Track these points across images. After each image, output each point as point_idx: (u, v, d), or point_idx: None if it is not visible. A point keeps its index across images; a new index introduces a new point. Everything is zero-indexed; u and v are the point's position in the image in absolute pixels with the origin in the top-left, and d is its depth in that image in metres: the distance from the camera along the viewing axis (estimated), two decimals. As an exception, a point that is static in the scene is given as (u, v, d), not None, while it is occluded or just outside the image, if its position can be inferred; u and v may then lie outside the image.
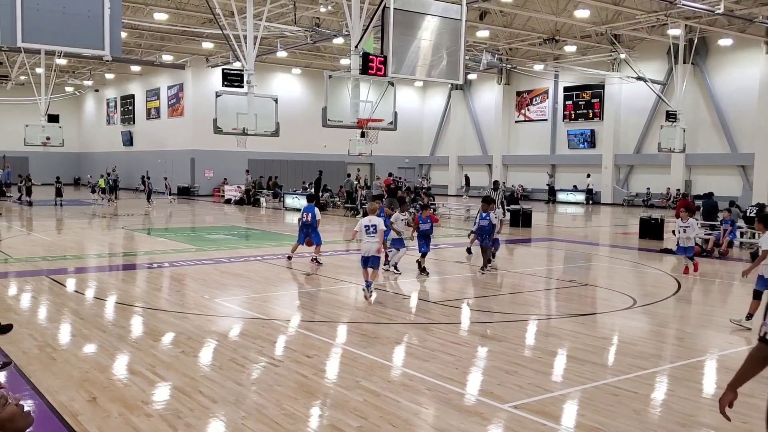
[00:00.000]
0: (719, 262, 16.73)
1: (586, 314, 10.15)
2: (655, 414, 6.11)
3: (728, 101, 34.93)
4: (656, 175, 37.94)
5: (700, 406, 6.35)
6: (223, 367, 7.23)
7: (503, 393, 6.47)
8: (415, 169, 53.16)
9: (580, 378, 6.96)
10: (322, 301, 11.08)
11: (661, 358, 8.04)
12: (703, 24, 30.82)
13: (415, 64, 15.86)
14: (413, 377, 6.99)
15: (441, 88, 50.86)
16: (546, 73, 40.87)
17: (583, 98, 42.40)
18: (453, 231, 23.82)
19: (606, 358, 7.93)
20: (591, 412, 6.02)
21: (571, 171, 43.18)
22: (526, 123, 46.22)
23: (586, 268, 15.77)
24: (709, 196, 21.78)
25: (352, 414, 5.86)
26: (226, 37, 19.53)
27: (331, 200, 34.26)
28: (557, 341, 8.68)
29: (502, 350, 8.10)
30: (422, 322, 9.81)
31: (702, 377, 7.33)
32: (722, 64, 35.21)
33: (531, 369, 7.37)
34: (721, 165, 35.23)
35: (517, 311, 10.54)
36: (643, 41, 35.78)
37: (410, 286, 12.75)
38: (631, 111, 39.49)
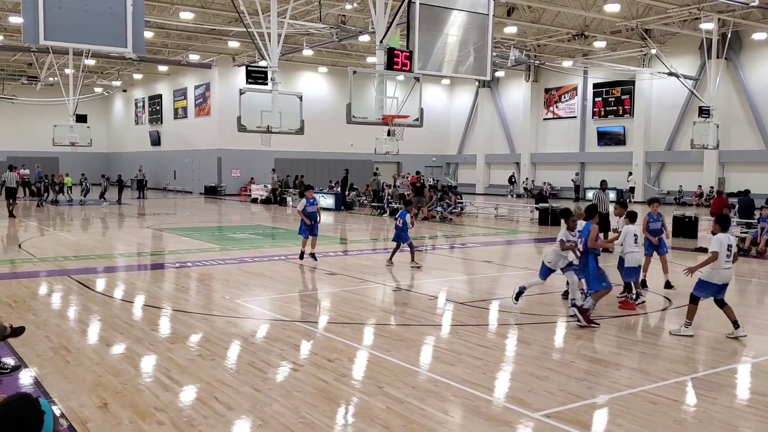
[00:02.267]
0: (756, 261, 16.14)
1: (619, 316, 9.73)
2: (696, 423, 5.73)
3: (763, 97, 33.97)
4: (689, 173, 37.04)
5: (742, 414, 5.95)
6: (240, 372, 6.99)
7: (534, 400, 6.12)
8: (442, 167, 52.72)
9: (616, 384, 6.59)
10: (346, 302, 10.80)
11: (700, 363, 7.63)
12: (737, 17, 29.95)
13: (442, 60, 15.53)
14: (438, 383, 6.68)
15: (468, 85, 50.35)
16: (575, 70, 40.17)
17: (613, 95, 41.62)
18: (481, 230, 23.43)
19: (642, 363, 7.53)
20: (628, 422, 5.65)
21: (601, 169, 42.39)
22: (555, 120, 45.52)
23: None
24: (745, 193, 21.13)
25: (375, 422, 5.58)
26: (250, 35, 19.35)
27: (358, 199, 34.04)
28: (590, 344, 8.29)
29: (532, 354, 7.75)
30: (449, 323, 9.50)
31: (742, 383, 6.91)
32: (757, 59, 34.25)
33: (563, 374, 7.01)
34: (756, 162, 34.27)
35: (548, 312, 10.15)
36: (674, 36, 34.96)
37: (436, 287, 12.42)
38: (662, 107, 38.64)
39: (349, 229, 24.35)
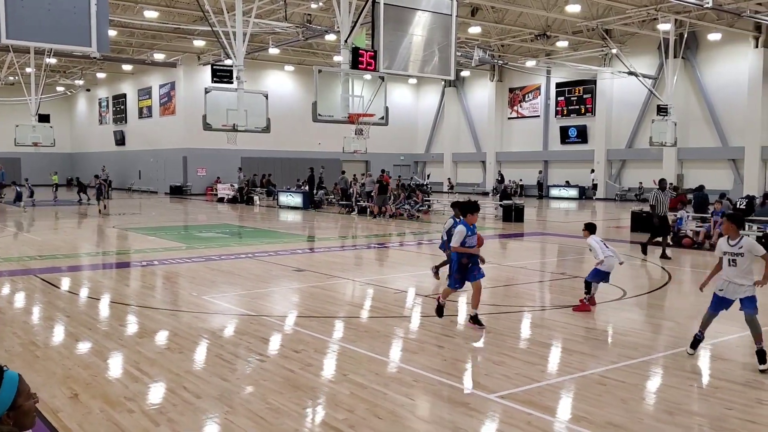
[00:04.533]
0: (710, 254, 16.72)
1: (570, 306, 10.11)
2: (643, 402, 6.09)
3: (718, 95, 34.99)
4: (648, 170, 37.94)
5: (688, 394, 6.33)
6: (208, 364, 7.18)
7: (490, 383, 6.43)
8: (410, 166, 53.11)
9: (568, 368, 6.93)
10: (314, 297, 11.02)
11: (651, 348, 8.01)
12: (693, 18, 30.82)
13: (407, 59, 15.82)
14: (402, 369, 6.95)
15: (435, 85, 50.84)
16: (538, 69, 40.87)
17: (575, 94, 42.43)
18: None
19: (595, 349, 7.91)
20: (578, 402, 6.00)
21: (564, 167, 43.23)
22: (519, 119, 46.22)
23: (579, 260, 15.75)
24: (700, 189, 21.78)
25: (339, 407, 5.82)
26: (215, 33, 19.43)
27: (326, 198, 34.22)
28: (547, 332, 8.65)
29: (492, 341, 8.07)
30: (414, 315, 9.78)
31: (691, 366, 7.30)
32: (712, 59, 35.26)
33: (519, 360, 7.34)
34: (712, 159, 35.30)
35: (509, 303, 10.51)
36: (634, 36, 35.82)
37: (403, 281, 12.70)
38: (622, 106, 39.52)
39: (317, 227, 24.53)
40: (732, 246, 7.16)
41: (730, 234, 7.24)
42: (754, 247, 7.21)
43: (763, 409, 5.96)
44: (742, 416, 5.69)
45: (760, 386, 6.50)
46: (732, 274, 7.16)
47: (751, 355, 7.71)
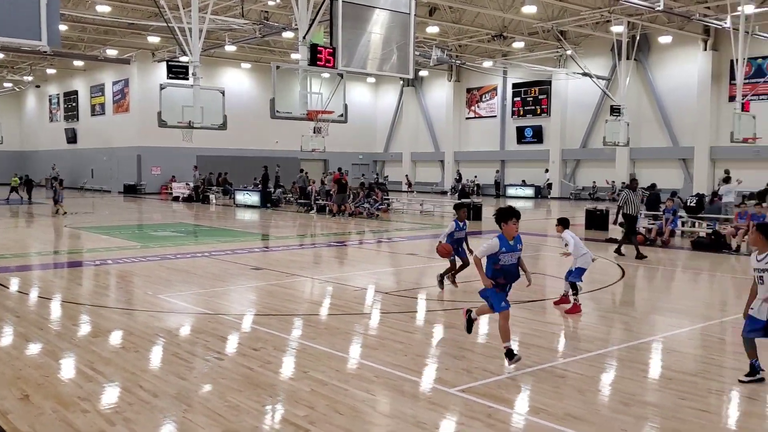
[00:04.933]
0: (662, 250, 17.15)
1: (534, 301, 10.25)
2: (599, 394, 6.19)
3: (669, 97, 35.89)
4: (602, 169, 38.70)
5: (643, 385, 6.45)
6: (165, 362, 7.05)
7: (451, 378, 6.46)
8: (369, 165, 53.09)
9: (527, 361, 6.99)
10: (272, 295, 10.92)
11: (606, 341, 8.16)
12: (645, 21, 31.54)
13: (366, 57, 15.82)
14: (363, 365, 6.93)
15: (393, 84, 50.95)
16: (495, 70, 41.28)
17: (531, 94, 42.99)
18: (406, 225, 23.87)
19: (553, 343, 8.02)
20: (537, 394, 6.06)
21: (520, 166, 43.78)
22: (477, 119, 46.64)
23: (535, 257, 15.96)
24: (652, 187, 22.28)
25: (299, 404, 5.77)
26: (171, 29, 19.13)
27: (284, 196, 33.98)
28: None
29: (451, 337, 8.11)
30: (374, 312, 9.77)
31: (645, 358, 7.45)
32: (663, 61, 36.14)
33: (479, 354, 7.41)
34: (663, 158, 36.17)
35: (468, 299, 10.56)
36: (588, 38, 36.46)
37: (363, 279, 12.68)
38: (577, 106, 40.20)
39: (275, 226, 24.33)
40: (759, 261, 6.32)
41: (758, 247, 6.36)
42: None
43: (714, 398, 6.12)
44: (694, 405, 5.82)
45: (712, 377, 6.67)
46: (763, 292, 6.24)
47: (702, 347, 7.93)
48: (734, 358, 7.30)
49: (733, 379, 6.52)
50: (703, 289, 12.75)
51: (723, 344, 8.25)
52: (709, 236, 17.45)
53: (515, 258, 6.93)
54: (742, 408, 5.92)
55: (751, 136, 25.97)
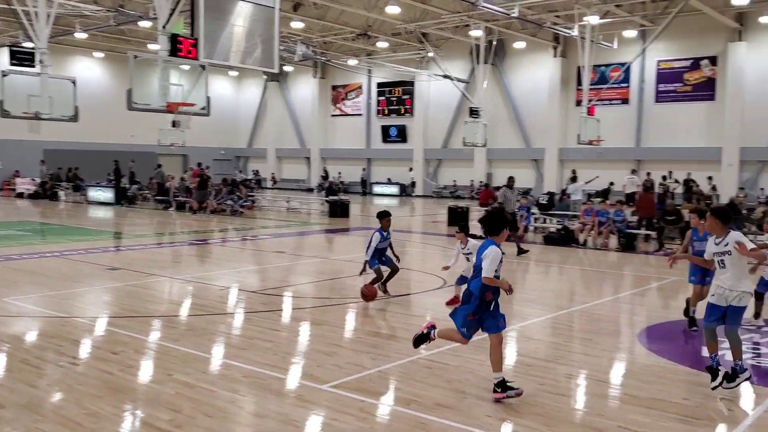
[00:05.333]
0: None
1: (401, 295, 10.45)
2: (466, 383, 6.41)
3: (523, 100, 37.94)
4: (462, 169, 40.22)
5: (505, 371, 6.75)
6: (13, 370, 6.50)
7: (322, 374, 6.44)
8: (231, 161, 51.85)
9: (397, 354, 7.12)
10: (131, 296, 10.37)
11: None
12: (501, 27, 33.09)
13: (229, 50, 15.39)
14: (230, 366, 6.75)
15: (256, 78, 50.08)
16: (360, 68, 41.70)
17: (395, 94, 43.84)
18: (272, 222, 23.56)
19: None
20: (408, 385, 6.18)
21: (386, 165, 44.55)
22: (342, 117, 46.89)
23: (401, 253, 16.24)
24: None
25: (164, 407, 5.52)
26: (14, 13, 17.66)
27: (141, 193, 32.42)
28: (375, 322, 8.86)
29: (322, 333, 8.09)
30: (240, 311, 9.55)
31: (507, 348, 7.81)
32: (517, 66, 38.14)
33: (350, 349, 7.45)
34: (517, 159, 38.16)
35: (338, 295, 10.61)
36: (448, 41, 37.66)
37: (227, 278, 12.36)
38: (439, 107, 41.47)
39: (132, 224, 23.16)
40: (718, 245, 6.19)
41: (715, 231, 6.23)
42: (741, 242, 6.06)
43: (571, 382, 6.52)
44: (552, 390, 6.18)
45: (568, 363, 7.11)
46: (722, 277, 6.15)
47: (555, 335, 8.42)
48: (582, 344, 7.84)
49: (582, 363, 6.98)
50: (554, 281, 13.58)
51: (573, 331, 8.84)
52: (559, 231, 18.60)
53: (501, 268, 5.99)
54: (592, 390, 6.36)
55: (596, 138, 27.95)
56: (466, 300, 6.01)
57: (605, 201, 19.50)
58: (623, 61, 31.73)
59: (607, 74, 33.77)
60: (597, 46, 28.80)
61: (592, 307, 10.24)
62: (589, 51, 26.91)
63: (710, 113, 31.89)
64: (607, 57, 32.54)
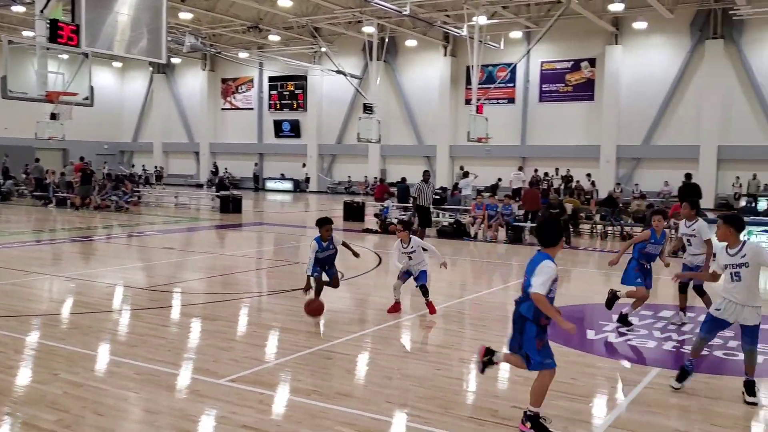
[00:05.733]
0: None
1: (297, 289, 10.38)
2: (366, 371, 6.48)
3: (415, 97, 38.62)
4: (357, 165, 40.43)
5: (404, 360, 6.89)
6: None
7: (219, 369, 6.31)
8: (116, 155, 49.60)
9: (295, 347, 7.09)
10: (10, 295, 9.71)
11: (367, 322, 8.56)
12: (393, 24, 33.51)
13: (113, 38, 14.72)
14: (121, 364, 6.48)
15: (142, 70, 48.14)
16: (251, 62, 41.00)
17: (287, 89, 43.44)
18: (160, 219, 22.76)
19: (318, 327, 8.20)
20: (307, 376, 6.17)
21: (279, 160, 44.06)
22: (233, 111, 45.96)
23: (296, 248, 16.20)
24: (402, 181, 23.89)
25: (50, 408, 5.23)
26: None
27: (17, 189, 30.42)
28: (272, 316, 8.76)
29: (216, 329, 7.91)
30: (128, 309, 9.18)
31: (403, 335, 7.96)
32: (409, 63, 38.76)
33: (247, 343, 7.35)
34: (410, 155, 38.80)
35: (232, 291, 10.41)
36: (341, 36, 37.74)
37: (114, 275, 11.83)
38: (332, 102, 41.46)
39: (6, 221, 21.69)
40: (733, 256, 5.67)
41: (728, 241, 5.75)
42: (761, 254, 5.62)
43: (465, 366, 6.72)
44: (448, 374, 6.36)
45: (462, 348, 7.33)
46: (734, 291, 5.66)
47: (449, 322, 8.65)
48: (474, 329, 8.10)
49: (476, 348, 7.20)
50: (447, 272, 13.88)
51: (466, 319, 9.13)
52: (451, 225, 19.09)
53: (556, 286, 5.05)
54: (487, 373, 6.58)
55: (484, 136, 28.86)
56: (520, 329, 5.01)
57: (494, 196, 20.21)
58: (509, 62, 32.98)
59: (495, 74, 34.94)
60: (485, 47, 29.74)
61: (483, 296, 10.61)
62: (478, 51, 27.74)
63: (590, 113, 33.71)
64: (495, 57, 33.67)
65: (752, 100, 29.76)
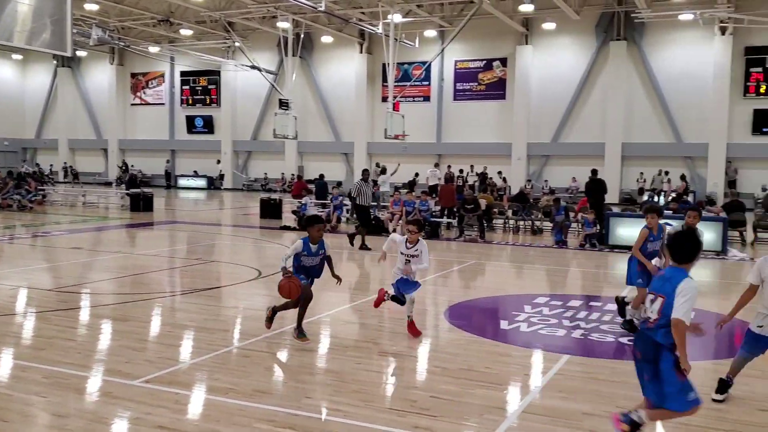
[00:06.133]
0: (330, 235, 18.39)
1: (213, 288, 10.22)
2: (285, 368, 6.46)
3: (331, 94, 38.56)
4: (273, 161, 40.00)
5: (323, 356, 6.91)
6: None
7: (132, 370, 6.13)
8: (18, 153, 47.11)
9: (211, 346, 6.97)
10: None
11: (286, 320, 8.50)
12: (308, 20, 33.33)
13: (13, 29, 13.95)
14: (27, 368, 6.20)
15: (45, 63, 45.89)
16: (162, 56, 39.82)
17: (200, 84, 42.48)
18: (66, 218, 21.82)
19: (235, 326, 8.11)
20: (224, 375, 6.08)
21: (192, 156, 43.05)
22: (144, 106, 44.54)
23: (212, 246, 15.90)
24: (320, 178, 23.80)
25: (-52, 418, 4.96)
26: None
27: None
28: (187, 315, 8.58)
29: (129, 330, 7.68)
30: (34, 311, 8.77)
31: (323, 331, 7.96)
32: (325, 60, 38.65)
33: (161, 344, 7.18)
34: (328, 152, 38.73)
35: (144, 291, 10.11)
36: (255, 31, 37.19)
37: (18, 277, 11.27)
38: (247, 98, 40.83)
39: None
40: None
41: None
42: None
43: (382, 360, 6.80)
44: (368, 368, 6.42)
45: (381, 342, 7.41)
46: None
47: (370, 317, 8.72)
48: (393, 324, 8.20)
49: (394, 341, 7.32)
50: (366, 268, 14.01)
51: (384, 313, 9.20)
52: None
53: None
54: (406, 365, 6.70)
55: (401, 133, 29.14)
56: (654, 356, 4.35)
57: (411, 192, 20.43)
58: (424, 60, 33.40)
59: (410, 72, 35.33)
60: (400, 45, 30.02)
61: (401, 291, 10.71)
62: (393, 49, 27.97)
63: (502, 111, 34.61)
64: (410, 55, 34.04)
65: (653, 99, 31.35)
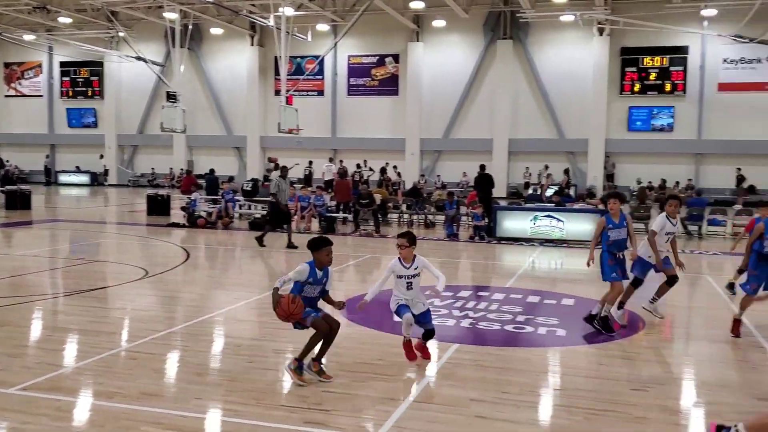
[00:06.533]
0: (223, 231, 18.03)
1: (97, 288, 9.78)
2: (174, 369, 6.28)
3: (222, 87, 37.71)
4: (161, 156, 38.66)
5: (214, 355, 6.78)
6: None
7: (8, 377, 5.78)
8: None
9: (95, 349, 6.67)
10: None
11: (176, 320, 8.28)
12: (197, 11, 32.34)
13: None
14: None
15: None
16: (39, 45, 37.53)
17: (81, 75, 40.41)
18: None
19: (122, 327, 7.80)
20: (109, 379, 5.84)
21: (74, 151, 40.89)
22: (19, 98, 41.85)
23: (96, 245, 15.19)
24: (211, 172, 23.23)
25: None
26: None
27: None
28: (69, 318, 8.17)
29: (5, 335, 7.22)
30: None
31: (213, 331, 7.80)
32: (215, 52, 37.74)
33: (40, 349, 6.82)
34: (218, 146, 37.88)
35: (22, 293, 9.52)
36: (141, 21, 35.69)
37: None
38: (132, 90, 39.22)
39: None
40: None
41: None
42: None
43: (279, 357, 6.74)
44: (262, 366, 6.35)
45: (275, 339, 7.32)
46: None
47: (264, 314, 8.62)
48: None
49: (290, 338, 7.27)
50: (260, 264, 13.84)
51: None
52: (263, 217, 18.92)
53: None
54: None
55: (295, 127, 28.90)
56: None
57: (306, 187, 20.36)
58: (317, 54, 33.27)
59: (303, 66, 35.11)
60: (292, 38, 29.73)
61: (295, 286, 10.65)
62: (285, 42, 27.66)
63: (395, 107, 35.03)
64: (303, 49, 33.81)
65: (538, 96, 32.70)
